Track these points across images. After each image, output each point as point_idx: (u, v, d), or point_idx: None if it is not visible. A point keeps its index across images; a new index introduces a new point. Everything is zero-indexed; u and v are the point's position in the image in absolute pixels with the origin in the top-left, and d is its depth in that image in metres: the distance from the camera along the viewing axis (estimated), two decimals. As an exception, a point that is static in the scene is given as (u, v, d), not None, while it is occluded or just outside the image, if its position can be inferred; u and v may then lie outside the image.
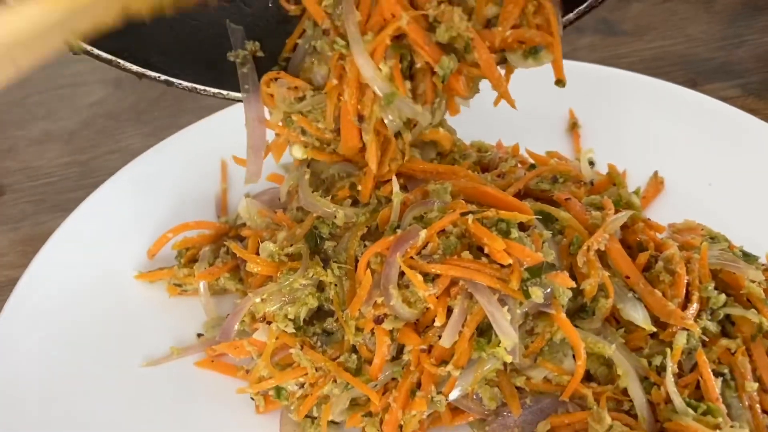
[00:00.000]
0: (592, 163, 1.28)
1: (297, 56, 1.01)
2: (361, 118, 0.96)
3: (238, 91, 1.02)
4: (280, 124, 1.02)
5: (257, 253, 1.07)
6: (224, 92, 1.02)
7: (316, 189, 1.09)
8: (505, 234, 0.93)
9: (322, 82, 0.99)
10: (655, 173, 1.29)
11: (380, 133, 0.98)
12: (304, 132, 1.01)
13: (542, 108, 1.42)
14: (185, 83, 0.99)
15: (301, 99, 0.98)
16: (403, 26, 0.90)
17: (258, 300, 1.01)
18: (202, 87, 1.01)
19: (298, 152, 1.03)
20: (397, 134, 0.99)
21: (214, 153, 1.37)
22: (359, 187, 1.05)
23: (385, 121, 0.95)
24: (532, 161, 1.25)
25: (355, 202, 1.08)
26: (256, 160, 1.03)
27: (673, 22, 1.80)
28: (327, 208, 1.05)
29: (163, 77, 0.97)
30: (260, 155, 1.03)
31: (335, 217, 1.04)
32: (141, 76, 0.96)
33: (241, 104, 1.03)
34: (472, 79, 0.97)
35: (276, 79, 1.00)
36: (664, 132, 1.36)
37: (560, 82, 0.94)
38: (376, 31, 0.92)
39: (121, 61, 0.94)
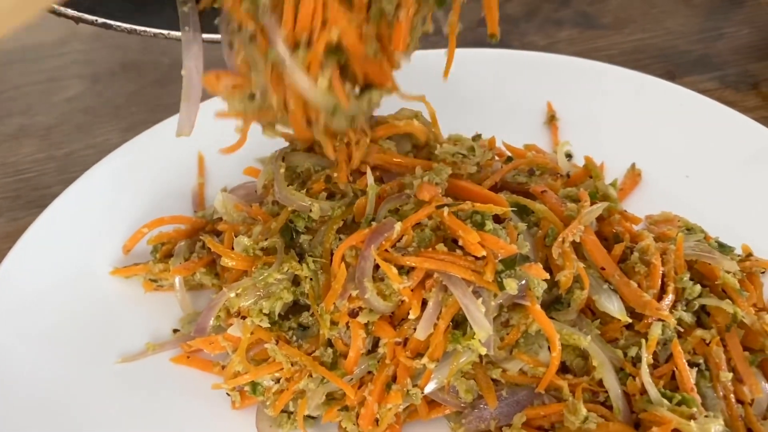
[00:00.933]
0: (569, 156, 1.29)
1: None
2: (309, 121, 0.90)
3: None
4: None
5: (232, 248, 1.06)
6: (165, 32, 0.97)
7: (291, 183, 1.08)
8: (480, 226, 0.93)
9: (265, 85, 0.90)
10: (633, 165, 1.29)
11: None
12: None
13: (520, 101, 1.43)
14: (124, 25, 0.96)
15: (252, 96, 0.90)
16: (334, 39, 0.80)
17: (232, 295, 1.00)
18: (142, 28, 0.96)
19: (270, 132, 0.98)
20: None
21: (190, 147, 1.36)
22: (335, 176, 1.04)
23: (333, 126, 0.89)
24: (509, 154, 1.25)
25: (331, 195, 1.07)
26: (190, 111, 0.93)
27: (652, 15, 1.80)
28: (302, 201, 1.04)
29: (101, 20, 0.94)
30: (195, 106, 0.93)
31: (311, 210, 1.03)
32: (78, 21, 0.92)
33: (215, 99, 0.99)
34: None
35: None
36: (641, 124, 1.36)
37: (493, 36, 0.91)
38: (306, 40, 0.81)
39: (56, 6, 0.90)
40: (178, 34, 0.93)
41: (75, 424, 1.03)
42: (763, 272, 1.08)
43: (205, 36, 0.94)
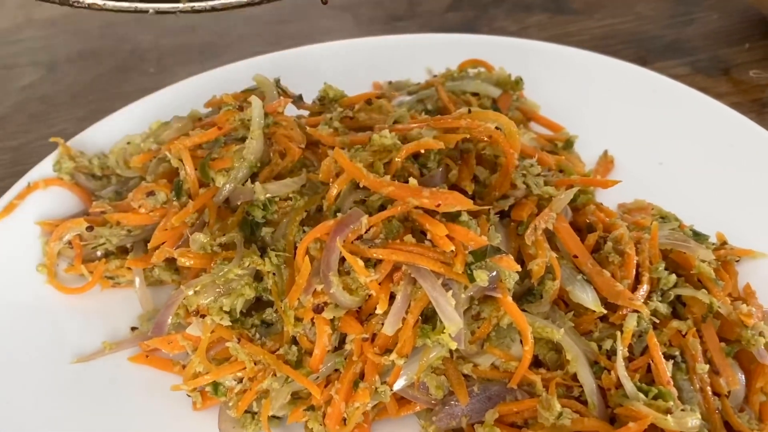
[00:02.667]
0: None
1: None
2: None
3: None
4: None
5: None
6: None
7: None
8: (452, 217, 0.90)
9: None
10: (605, 152, 1.27)
11: None
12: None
13: (490, 87, 1.39)
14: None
15: None
16: None
17: (190, 293, 0.96)
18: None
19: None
20: None
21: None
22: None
23: None
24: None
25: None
26: None
27: (622, -1, 1.79)
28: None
29: None
30: None
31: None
32: None
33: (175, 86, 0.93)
34: None
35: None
36: (613, 110, 1.34)
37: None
38: None
39: None
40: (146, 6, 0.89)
41: (29, 425, 0.97)
42: (737, 261, 1.06)
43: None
